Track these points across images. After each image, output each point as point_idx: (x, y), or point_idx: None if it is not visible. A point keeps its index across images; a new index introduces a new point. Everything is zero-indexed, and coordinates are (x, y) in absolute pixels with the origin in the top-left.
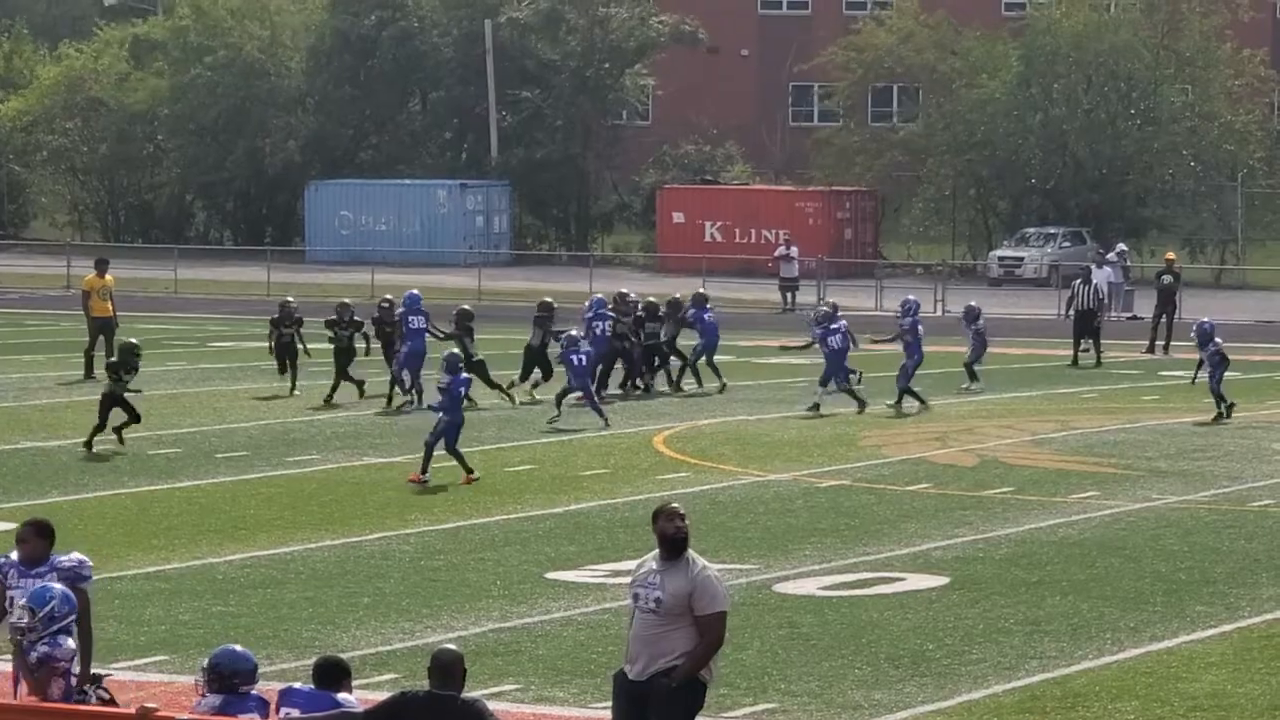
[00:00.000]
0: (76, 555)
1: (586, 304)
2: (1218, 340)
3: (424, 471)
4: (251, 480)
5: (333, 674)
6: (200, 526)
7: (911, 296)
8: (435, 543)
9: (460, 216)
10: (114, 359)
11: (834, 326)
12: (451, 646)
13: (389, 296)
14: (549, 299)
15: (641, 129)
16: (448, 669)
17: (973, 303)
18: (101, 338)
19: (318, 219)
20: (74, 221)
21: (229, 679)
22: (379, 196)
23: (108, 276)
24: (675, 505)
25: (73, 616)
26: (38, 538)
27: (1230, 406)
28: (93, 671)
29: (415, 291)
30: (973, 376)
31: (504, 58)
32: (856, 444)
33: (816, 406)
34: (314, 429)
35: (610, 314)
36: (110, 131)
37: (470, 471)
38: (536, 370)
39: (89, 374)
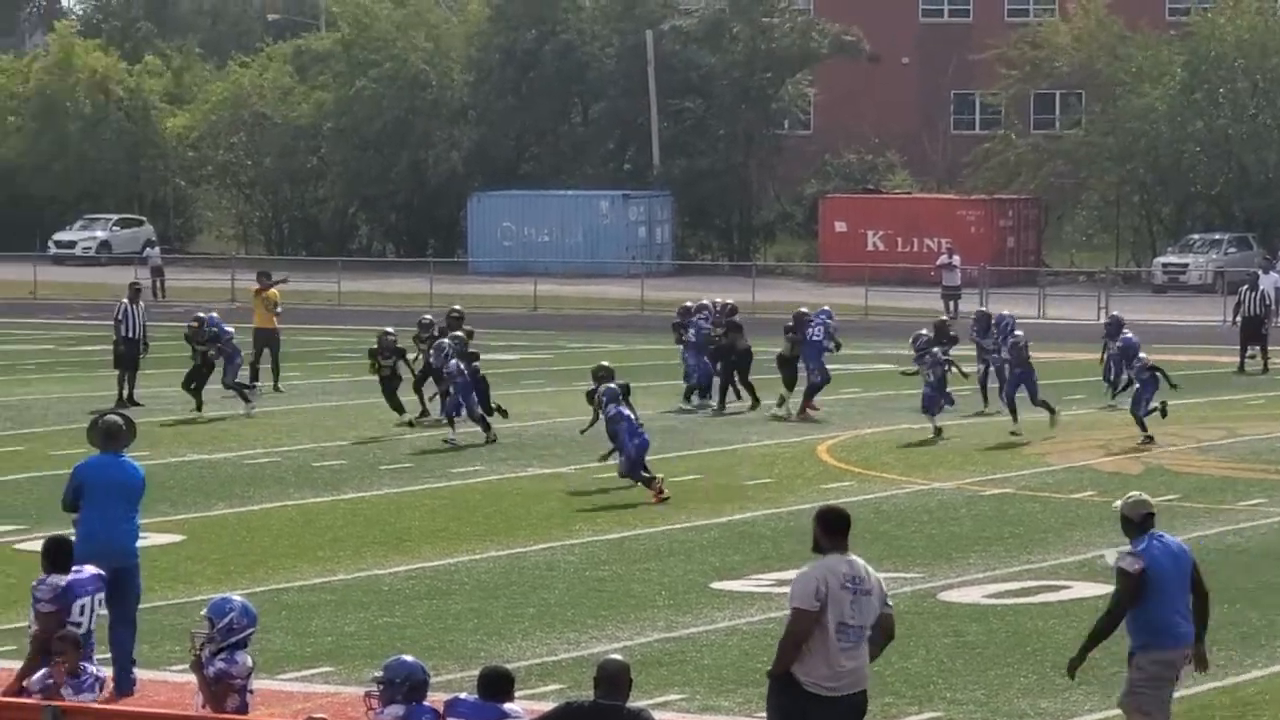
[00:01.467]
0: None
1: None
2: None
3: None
4: (416, 491)
5: (498, 684)
6: (365, 538)
7: (1006, 312)
8: (600, 553)
9: (623, 227)
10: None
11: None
12: (617, 657)
13: (428, 315)
14: (805, 309)
15: (803, 138)
16: (614, 679)
17: (1116, 313)
18: (267, 350)
19: (480, 230)
20: (239, 235)
21: (408, 689)
22: (541, 208)
23: (271, 291)
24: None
25: (251, 630)
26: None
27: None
28: None
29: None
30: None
31: (666, 68)
32: (1020, 452)
33: (939, 431)
34: (478, 439)
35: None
36: (275, 146)
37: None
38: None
39: (254, 377)
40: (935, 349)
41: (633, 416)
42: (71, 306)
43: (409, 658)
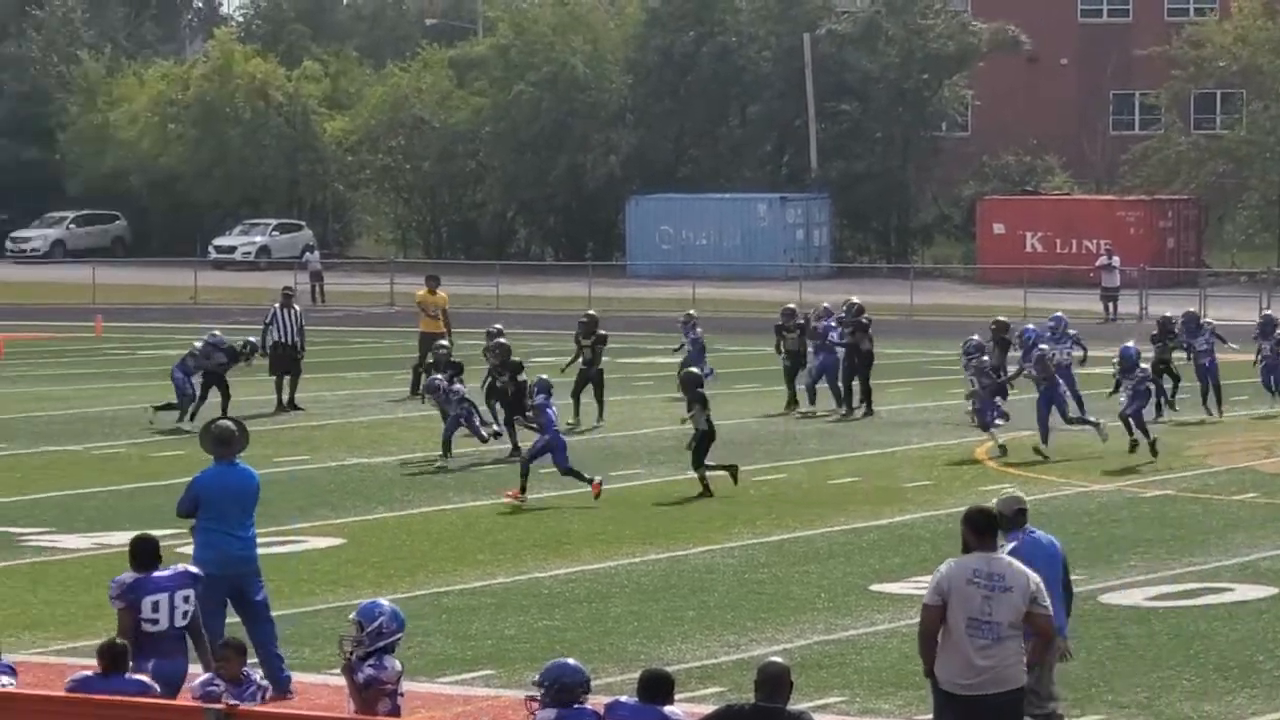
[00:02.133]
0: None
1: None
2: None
3: (523, 491)
4: (576, 495)
5: (658, 687)
6: (525, 541)
7: (1031, 326)
8: (759, 555)
9: (780, 230)
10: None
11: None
12: (778, 659)
13: (498, 325)
14: (1004, 318)
15: (961, 140)
16: (774, 681)
17: (1269, 311)
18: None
19: (638, 234)
20: (398, 239)
21: (568, 692)
22: (699, 211)
23: (440, 293)
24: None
25: (400, 634)
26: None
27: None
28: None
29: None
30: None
31: (823, 70)
32: (1181, 454)
33: (1002, 448)
34: (637, 443)
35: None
36: (433, 150)
37: (590, 481)
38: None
39: (415, 390)
40: (984, 356)
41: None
42: (231, 311)
43: (569, 661)
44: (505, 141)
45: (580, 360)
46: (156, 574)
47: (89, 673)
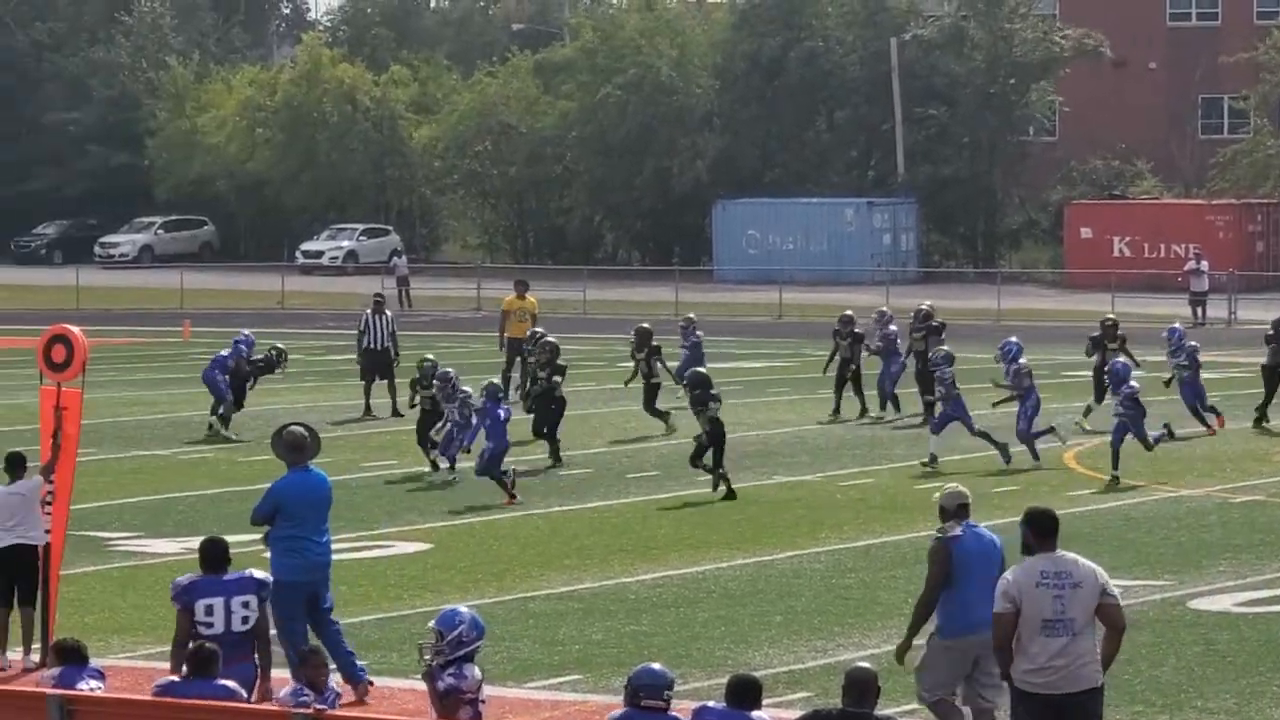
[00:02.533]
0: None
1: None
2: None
3: (512, 497)
4: (662, 500)
5: (746, 692)
6: (612, 546)
7: (1013, 339)
8: (846, 560)
9: (867, 234)
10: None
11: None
12: (865, 664)
13: (539, 329)
14: (1108, 321)
15: (1048, 144)
16: (862, 686)
17: None
18: (518, 359)
19: (725, 238)
20: (485, 244)
21: (650, 696)
22: (786, 215)
23: (528, 297)
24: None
25: (480, 642)
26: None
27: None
28: None
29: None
30: None
31: (910, 75)
32: (1270, 459)
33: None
34: (727, 448)
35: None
36: (520, 154)
37: (513, 497)
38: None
39: (505, 395)
40: (1025, 360)
41: (505, 415)
42: (319, 316)
43: (655, 665)
44: (592, 146)
45: (639, 374)
46: (205, 576)
47: (175, 677)
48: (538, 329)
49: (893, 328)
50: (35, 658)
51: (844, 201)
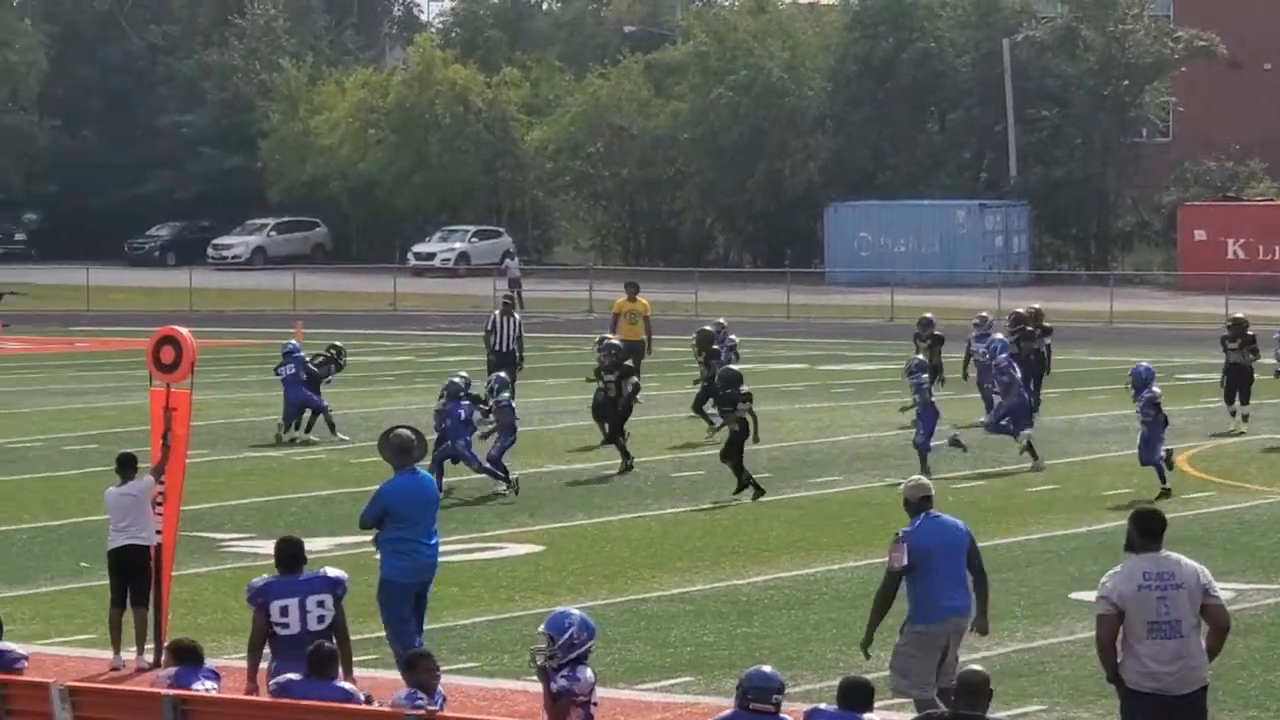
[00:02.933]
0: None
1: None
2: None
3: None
4: (774, 502)
5: (858, 695)
6: (724, 548)
7: (999, 336)
8: None
9: (979, 237)
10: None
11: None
12: (977, 667)
13: (609, 335)
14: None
15: (1162, 145)
16: (974, 690)
17: None
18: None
19: (837, 240)
20: (597, 246)
21: (759, 699)
22: (898, 217)
23: (640, 299)
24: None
25: (591, 643)
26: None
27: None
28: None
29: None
30: None
31: (1022, 76)
32: None
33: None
34: (836, 450)
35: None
36: (632, 156)
37: (509, 483)
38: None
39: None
40: (924, 374)
41: (464, 414)
42: (430, 318)
43: (766, 668)
44: (704, 148)
45: (703, 375)
46: (280, 577)
47: (294, 676)
48: (608, 334)
49: (996, 336)
50: (149, 658)
51: (956, 203)
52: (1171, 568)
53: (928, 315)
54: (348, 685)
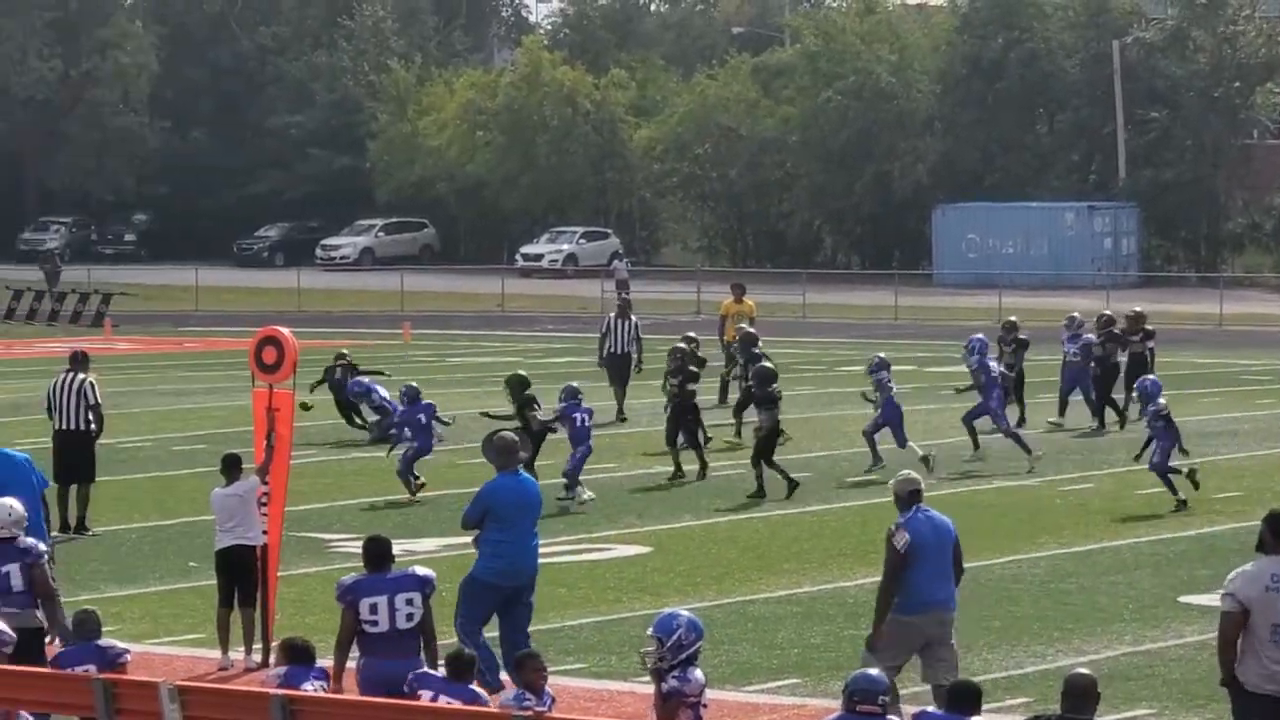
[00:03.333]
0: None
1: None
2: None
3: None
4: (883, 504)
5: (966, 698)
6: (830, 550)
7: (979, 335)
8: (1066, 565)
9: (1088, 239)
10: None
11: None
12: (1085, 670)
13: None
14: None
15: (1273, 147)
16: (1082, 693)
17: None
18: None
19: (945, 242)
20: (704, 247)
21: (865, 701)
22: (1006, 219)
23: (746, 301)
24: None
25: (699, 644)
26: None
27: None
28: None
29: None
30: None
31: (1132, 78)
32: None
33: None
34: (943, 453)
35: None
36: (740, 158)
37: (413, 495)
38: None
39: (723, 399)
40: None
41: (424, 418)
42: (538, 319)
43: (872, 671)
44: (812, 150)
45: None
46: (369, 575)
47: (438, 671)
48: (688, 335)
49: (1089, 336)
50: (257, 657)
51: (1064, 205)
52: None
53: (1012, 319)
54: (481, 691)
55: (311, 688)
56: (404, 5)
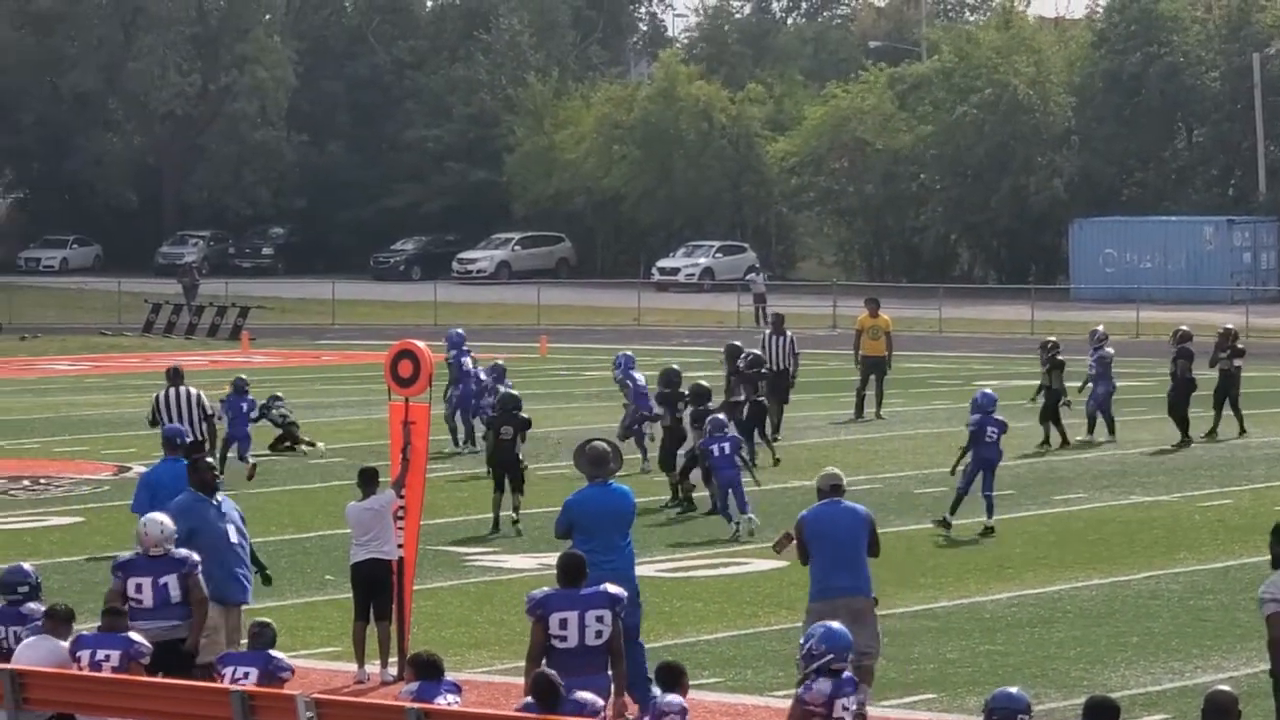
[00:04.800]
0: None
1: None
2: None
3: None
4: (1018, 519)
5: (1104, 714)
6: (967, 565)
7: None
8: (1204, 582)
9: (1227, 253)
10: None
11: None
12: (1226, 688)
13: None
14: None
15: None
16: (1223, 710)
17: None
18: (872, 377)
19: (1082, 257)
20: (841, 262)
21: (1005, 717)
22: (1143, 233)
23: (882, 315)
24: None
25: (830, 656)
26: None
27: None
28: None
29: (459, 330)
30: None
31: (1273, 91)
32: None
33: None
34: (1081, 467)
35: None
36: (876, 172)
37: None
38: None
39: (859, 413)
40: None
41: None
42: (674, 333)
43: (1013, 689)
44: (948, 165)
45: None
46: (557, 591)
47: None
48: (741, 343)
49: (1108, 350)
50: (392, 671)
51: (1203, 220)
52: None
53: (1051, 339)
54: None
55: (444, 701)
56: (542, 19)
